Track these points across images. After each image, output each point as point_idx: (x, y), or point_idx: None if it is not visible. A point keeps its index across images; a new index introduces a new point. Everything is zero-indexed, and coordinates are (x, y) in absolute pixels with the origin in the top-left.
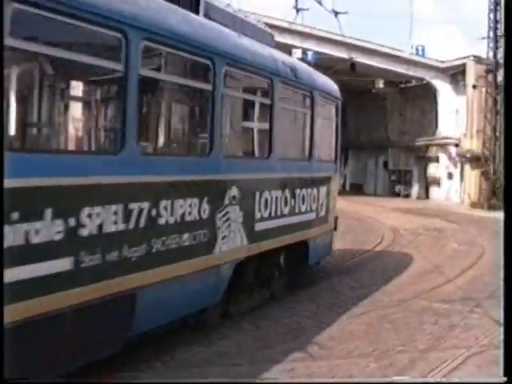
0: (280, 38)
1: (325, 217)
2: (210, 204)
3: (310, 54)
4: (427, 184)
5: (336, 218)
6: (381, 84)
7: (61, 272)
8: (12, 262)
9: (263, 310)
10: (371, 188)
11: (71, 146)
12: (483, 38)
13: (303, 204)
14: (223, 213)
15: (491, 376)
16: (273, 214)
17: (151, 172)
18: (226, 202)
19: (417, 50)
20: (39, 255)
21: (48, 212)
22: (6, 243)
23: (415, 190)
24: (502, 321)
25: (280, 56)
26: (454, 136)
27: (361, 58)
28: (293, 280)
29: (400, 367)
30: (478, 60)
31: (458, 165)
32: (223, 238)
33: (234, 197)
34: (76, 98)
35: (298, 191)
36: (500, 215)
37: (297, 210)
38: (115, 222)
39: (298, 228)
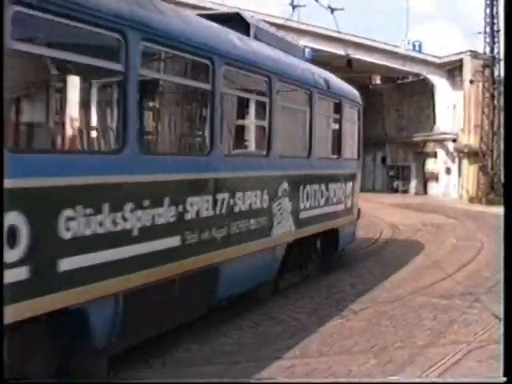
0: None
1: (350, 208)
2: (268, 195)
3: (306, 50)
4: (425, 179)
5: (359, 210)
6: (378, 80)
7: (173, 247)
8: (144, 238)
9: (262, 307)
10: (369, 184)
11: (179, 150)
12: (479, 33)
13: (335, 196)
14: (277, 203)
15: (491, 376)
16: (312, 204)
17: (230, 169)
18: (280, 193)
19: (413, 45)
20: (161, 233)
21: (166, 200)
22: (140, 224)
23: (413, 185)
24: (501, 317)
25: (316, 70)
26: (451, 131)
27: (357, 55)
28: (325, 263)
29: (399, 363)
30: (474, 55)
31: (456, 160)
32: (278, 223)
33: (284, 189)
34: (181, 113)
35: (330, 185)
36: (498, 210)
37: (330, 202)
38: (207, 209)
39: (331, 217)
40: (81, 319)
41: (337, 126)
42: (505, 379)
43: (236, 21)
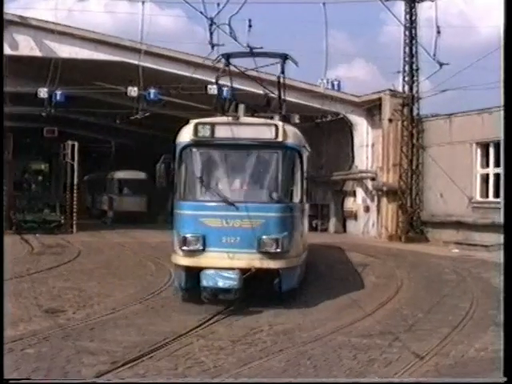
0: (195, 74)
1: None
2: None
3: (225, 90)
4: (344, 218)
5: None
6: (296, 119)
7: None
8: None
9: (182, 349)
10: None
11: None
12: (398, 72)
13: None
14: None
15: (491, 376)
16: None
17: None
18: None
19: (332, 84)
20: None
21: None
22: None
23: (332, 223)
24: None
25: None
26: (370, 170)
27: (276, 94)
28: None
29: None
30: (393, 94)
31: (375, 198)
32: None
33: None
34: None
35: None
36: (418, 247)
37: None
38: None
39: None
40: None
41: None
42: (505, 379)
43: None
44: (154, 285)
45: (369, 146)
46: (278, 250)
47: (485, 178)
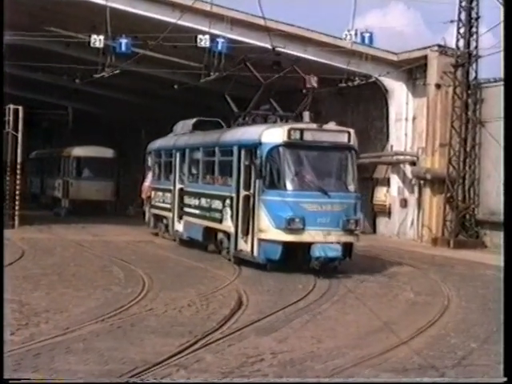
0: (181, 20)
1: None
2: None
3: (220, 42)
4: (374, 214)
5: None
6: (314, 82)
7: None
8: None
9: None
10: None
11: None
12: (451, 22)
13: None
14: None
15: (491, 376)
16: None
17: None
18: None
19: (362, 37)
20: None
21: None
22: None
23: None
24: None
25: None
26: (409, 151)
27: (288, 48)
28: None
29: None
30: (443, 51)
31: (415, 189)
32: None
33: None
34: None
35: None
36: (471, 255)
37: None
38: None
39: None
40: None
41: None
42: (505, 379)
43: None
44: (122, 297)
45: (409, 120)
46: (358, 228)
47: None
